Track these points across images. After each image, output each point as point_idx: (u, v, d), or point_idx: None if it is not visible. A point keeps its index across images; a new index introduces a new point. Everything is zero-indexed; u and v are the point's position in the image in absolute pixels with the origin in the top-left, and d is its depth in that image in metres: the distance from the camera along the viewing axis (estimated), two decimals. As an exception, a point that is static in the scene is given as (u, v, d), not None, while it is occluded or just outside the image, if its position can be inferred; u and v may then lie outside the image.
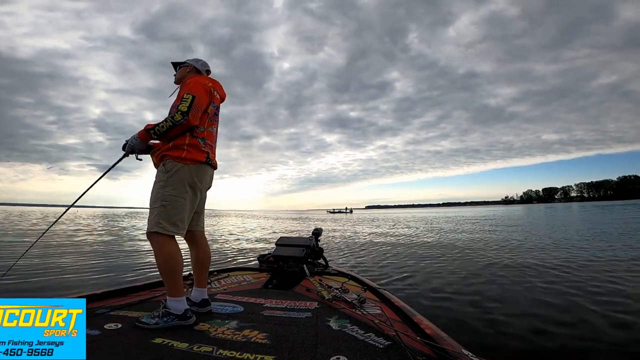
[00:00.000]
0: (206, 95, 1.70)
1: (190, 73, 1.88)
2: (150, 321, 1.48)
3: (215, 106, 1.80)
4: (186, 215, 1.65)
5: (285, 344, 1.29)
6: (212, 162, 1.78)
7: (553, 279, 3.72)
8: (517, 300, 2.98)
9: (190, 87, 1.66)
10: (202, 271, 1.81)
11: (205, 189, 1.83)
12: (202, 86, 1.70)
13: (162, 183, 1.61)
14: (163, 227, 1.55)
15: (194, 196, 1.70)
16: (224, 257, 5.99)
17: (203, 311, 1.71)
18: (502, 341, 2.12)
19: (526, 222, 15.37)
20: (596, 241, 7.23)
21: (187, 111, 1.56)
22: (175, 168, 1.61)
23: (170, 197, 1.59)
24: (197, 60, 1.93)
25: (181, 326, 1.49)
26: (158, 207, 1.58)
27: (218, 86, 1.88)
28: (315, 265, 2.90)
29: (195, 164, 1.65)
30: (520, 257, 5.34)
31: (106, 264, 4.92)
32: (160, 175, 1.64)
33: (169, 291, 1.55)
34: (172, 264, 1.55)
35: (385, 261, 5.30)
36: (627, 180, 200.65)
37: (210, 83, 1.79)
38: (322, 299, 1.93)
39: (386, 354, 1.20)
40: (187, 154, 1.63)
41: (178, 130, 1.59)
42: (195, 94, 1.62)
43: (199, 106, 1.63)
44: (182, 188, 1.62)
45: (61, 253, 5.95)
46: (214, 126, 1.82)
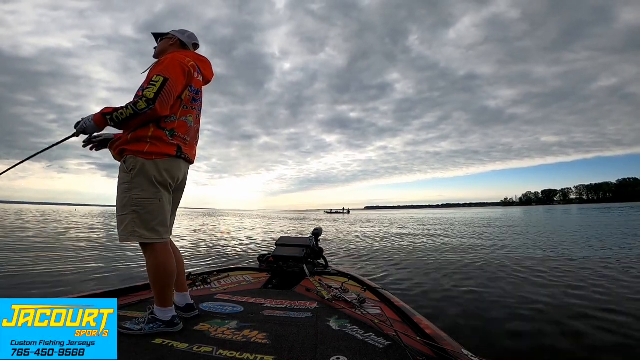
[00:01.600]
0: (182, 77, 1.40)
1: (172, 47, 1.59)
2: (134, 327, 1.39)
3: (194, 90, 1.50)
4: (166, 218, 1.45)
5: (285, 344, 1.29)
6: (185, 156, 1.49)
7: (553, 280, 3.72)
8: (517, 300, 2.98)
9: (163, 67, 1.37)
10: (179, 275, 1.61)
11: (181, 187, 1.59)
12: (179, 65, 1.40)
13: (126, 185, 1.37)
14: (141, 236, 1.35)
15: (169, 194, 1.47)
16: (224, 257, 5.98)
17: (188, 316, 1.59)
18: (502, 341, 2.12)
19: (525, 225, 15.37)
20: (597, 243, 7.24)
21: (153, 98, 1.28)
22: (137, 165, 1.36)
23: (140, 200, 1.35)
24: (184, 32, 1.62)
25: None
26: (129, 213, 1.35)
27: (204, 65, 1.59)
28: (315, 265, 2.91)
29: (163, 158, 1.39)
30: (519, 258, 5.34)
31: (106, 264, 4.90)
32: (123, 175, 1.39)
33: (156, 301, 1.43)
34: (162, 276, 1.40)
35: (379, 260, 5.30)
36: (627, 183, 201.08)
37: (192, 61, 1.49)
38: (322, 299, 1.93)
39: (386, 354, 1.20)
40: (150, 147, 1.36)
41: (140, 120, 1.31)
42: (168, 76, 1.33)
43: (171, 91, 1.34)
44: (151, 188, 1.37)
45: (60, 253, 5.94)
46: (191, 115, 1.50)
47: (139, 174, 1.36)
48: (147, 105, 1.28)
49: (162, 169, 1.40)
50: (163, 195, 1.43)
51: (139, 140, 1.36)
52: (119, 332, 1.36)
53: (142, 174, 1.36)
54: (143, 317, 1.43)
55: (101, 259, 5.34)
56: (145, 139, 1.36)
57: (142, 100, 1.28)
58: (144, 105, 1.28)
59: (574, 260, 5.11)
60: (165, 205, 1.44)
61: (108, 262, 5.02)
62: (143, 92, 1.31)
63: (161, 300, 1.42)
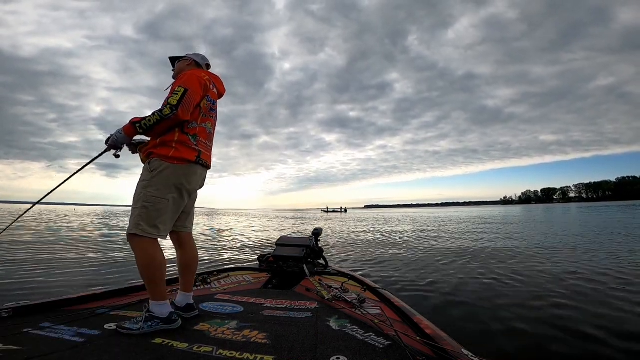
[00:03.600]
0: (200, 89, 1.59)
1: (189, 67, 1.79)
2: (133, 327, 1.41)
3: (211, 100, 1.69)
4: (169, 218, 1.55)
5: (285, 344, 1.29)
6: (203, 162, 1.65)
7: (554, 279, 3.73)
8: (516, 300, 2.98)
9: (184, 80, 1.56)
10: (188, 275, 1.71)
11: (195, 189, 1.72)
12: (197, 79, 1.59)
13: (145, 182, 1.51)
14: (142, 230, 1.45)
15: (180, 198, 1.59)
16: (224, 257, 5.98)
17: (188, 316, 1.63)
18: (502, 341, 2.12)
19: (525, 223, 15.38)
20: (598, 243, 7.25)
21: (176, 105, 1.47)
22: (160, 167, 1.50)
23: (152, 197, 1.48)
24: (197, 55, 1.85)
25: (181, 326, 1.48)
26: (139, 207, 1.48)
27: (217, 80, 1.79)
28: (315, 265, 2.91)
29: (183, 164, 1.54)
30: (519, 258, 5.35)
31: (105, 264, 4.90)
32: (145, 173, 1.53)
33: (150, 295, 1.47)
34: (152, 269, 1.45)
35: (370, 257, 5.31)
36: (626, 181, 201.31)
37: (207, 76, 1.69)
38: (322, 299, 1.93)
39: (386, 354, 1.20)
40: (175, 152, 1.52)
41: (166, 124, 1.49)
42: (187, 87, 1.52)
43: (191, 100, 1.53)
44: (166, 189, 1.51)
45: (59, 252, 5.94)
46: (209, 122, 1.70)
47: (159, 175, 1.50)
48: (172, 111, 1.46)
49: (181, 174, 1.54)
50: (174, 198, 1.54)
51: (165, 145, 1.52)
52: (118, 333, 1.37)
53: (161, 176, 1.50)
54: (141, 316, 1.44)
55: (99, 258, 5.34)
56: (171, 143, 1.53)
57: (167, 107, 1.46)
58: (169, 111, 1.46)
59: (575, 260, 5.12)
60: (171, 207, 1.54)
61: (107, 262, 5.02)
62: (168, 100, 1.49)
63: (154, 294, 1.46)
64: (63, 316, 1.56)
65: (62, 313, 1.61)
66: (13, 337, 1.29)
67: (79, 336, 1.32)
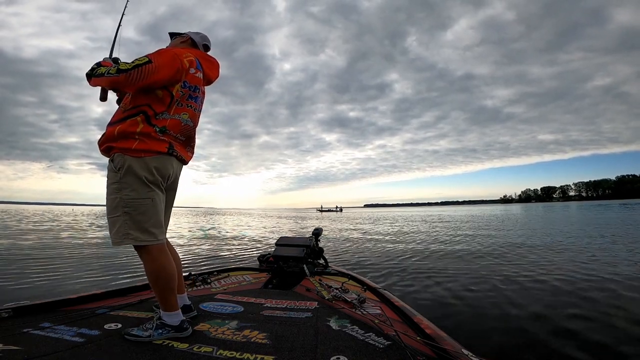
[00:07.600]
0: (171, 70, 1.33)
1: (183, 44, 1.58)
2: (142, 333, 1.32)
3: (189, 86, 1.43)
4: (161, 218, 1.40)
5: (285, 344, 1.29)
6: (177, 154, 1.42)
7: (553, 280, 3.73)
8: (518, 300, 2.98)
9: (155, 53, 1.35)
10: (177, 277, 1.53)
11: (171, 186, 1.51)
12: (171, 57, 1.35)
13: (116, 185, 1.30)
14: (135, 239, 1.29)
15: (162, 193, 1.41)
16: (223, 257, 5.98)
17: (186, 318, 1.52)
18: (503, 341, 2.12)
19: (525, 222, 15.38)
20: (598, 242, 7.25)
21: (125, 70, 1.24)
22: (126, 163, 1.29)
23: (131, 201, 1.29)
24: (197, 33, 1.63)
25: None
26: (120, 215, 1.29)
27: (209, 64, 1.57)
28: (315, 265, 2.91)
29: (151, 155, 1.32)
30: (518, 258, 5.35)
31: (105, 264, 4.90)
32: (111, 174, 1.32)
33: (162, 306, 1.37)
34: (162, 279, 1.35)
35: (372, 256, 5.32)
36: (625, 179, 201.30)
37: (192, 56, 1.45)
38: (322, 299, 1.93)
39: (386, 354, 1.20)
40: (139, 144, 1.30)
41: (105, 83, 1.29)
42: (152, 60, 1.29)
43: (149, 76, 1.27)
44: (141, 187, 1.31)
45: (59, 252, 5.94)
46: (186, 113, 1.43)
47: (127, 173, 1.29)
48: (117, 73, 1.25)
49: (152, 167, 1.33)
50: (156, 195, 1.36)
51: (126, 137, 1.30)
52: (125, 339, 1.32)
53: (131, 173, 1.29)
54: (151, 323, 1.36)
55: (99, 259, 5.34)
56: (133, 135, 1.30)
57: (114, 68, 1.27)
58: (114, 71, 1.26)
59: (576, 260, 5.12)
60: (158, 205, 1.38)
61: (106, 262, 5.02)
62: (121, 62, 1.31)
63: (166, 305, 1.36)
64: (63, 316, 1.56)
65: (62, 313, 1.61)
66: (13, 337, 1.28)
67: (79, 336, 1.32)
